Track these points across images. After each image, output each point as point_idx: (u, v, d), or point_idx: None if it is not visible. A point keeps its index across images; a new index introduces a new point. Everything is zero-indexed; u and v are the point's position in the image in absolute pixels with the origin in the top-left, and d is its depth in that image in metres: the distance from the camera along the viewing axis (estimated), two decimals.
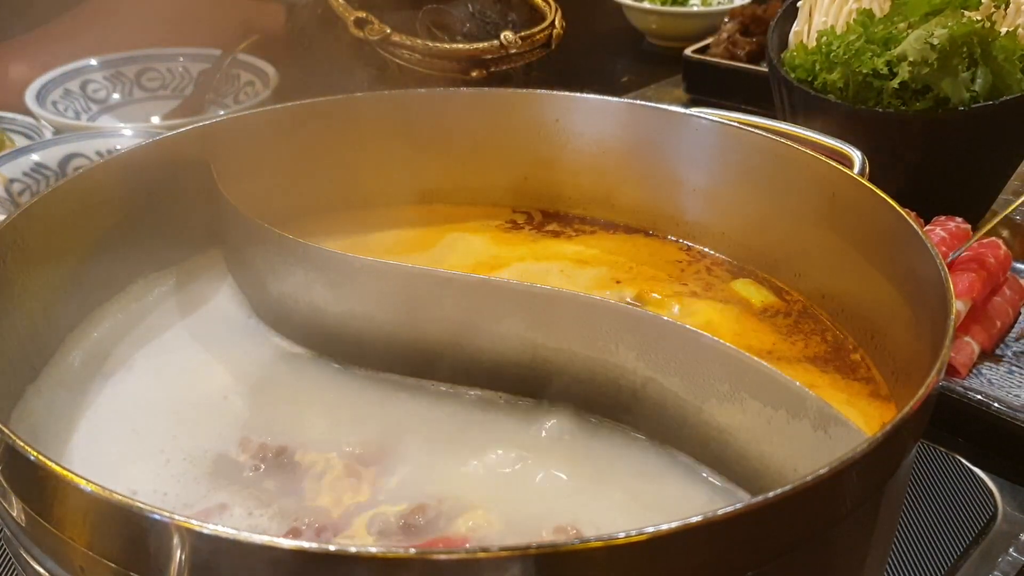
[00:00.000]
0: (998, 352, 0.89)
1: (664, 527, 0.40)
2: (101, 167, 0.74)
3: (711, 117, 0.81)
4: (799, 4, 1.20)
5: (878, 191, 0.69)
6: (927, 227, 0.93)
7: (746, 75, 1.50)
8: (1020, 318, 0.92)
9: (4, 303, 0.64)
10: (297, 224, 0.83)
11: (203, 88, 1.44)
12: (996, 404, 0.79)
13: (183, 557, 0.42)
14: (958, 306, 0.84)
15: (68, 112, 1.36)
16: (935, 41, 0.99)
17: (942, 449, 0.79)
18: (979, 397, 0.80)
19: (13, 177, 1.08)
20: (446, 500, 0.57)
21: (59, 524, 0.46)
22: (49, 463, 0.45)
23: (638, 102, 0.87)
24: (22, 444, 0.46)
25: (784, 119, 0.86)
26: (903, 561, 0.70)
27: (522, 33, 1.16)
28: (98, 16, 1.48)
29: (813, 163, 0.75)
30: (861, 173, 0.75)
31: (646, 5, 1.80)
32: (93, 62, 1.44)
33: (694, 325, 0.62)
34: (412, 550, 0.40)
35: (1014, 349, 0.89)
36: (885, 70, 1.02)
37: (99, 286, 0.75)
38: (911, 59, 1.00)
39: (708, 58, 1.57)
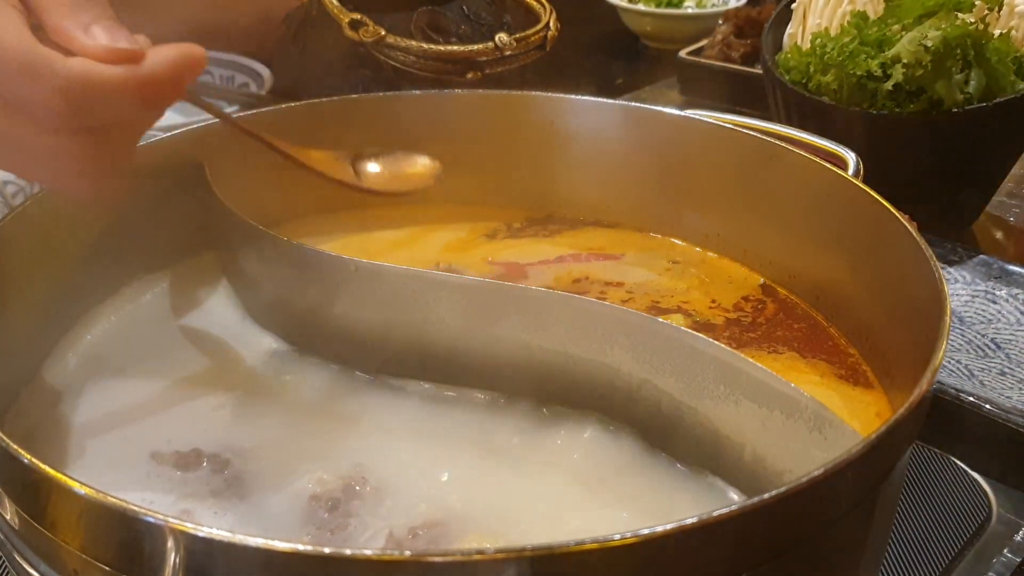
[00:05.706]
0: (992, 354, 0.89)
1: (659, 529, 0.40)
2: None
3: (705, 119, 0.81)
4: (793, 6, 1.20)
5: (872, 193, 0.69)
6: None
7: (740, 77, 1.51)
8: None
9: None
10: (292, 226, 0.83)
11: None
12: (988, 406, 0.79)
13: (177, 560, 0.42)
14: None
15: None
16: (929, 43, 0.99)
17: (936, 451, 0.79)
18: (971, 399, 0.80)
19: (7, 179, 1.08)
20: (446, 511, 0.57)
21: (53, 527, 0.46)
22: (43, 466, 0.45)
23: (633, 104, 0.87)
24: (15, 447, 0.46)
25: (778, 121, 0.86)
26: (898, 562, 0.70)
27: (517, 35, 1.16)
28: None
29: (807, 164, 0.75)
30: (855, 175, 0.75)
31: (641, 7, 1.80)
32: None
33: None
34: (407, 552, 0.40)
35: (1007, 351, 0.89)
36: (879, 72, 1.02)
37: (93, 288, 0.75)
38: (905, 61, 1.00)
39: (703, 60, 1.57)
